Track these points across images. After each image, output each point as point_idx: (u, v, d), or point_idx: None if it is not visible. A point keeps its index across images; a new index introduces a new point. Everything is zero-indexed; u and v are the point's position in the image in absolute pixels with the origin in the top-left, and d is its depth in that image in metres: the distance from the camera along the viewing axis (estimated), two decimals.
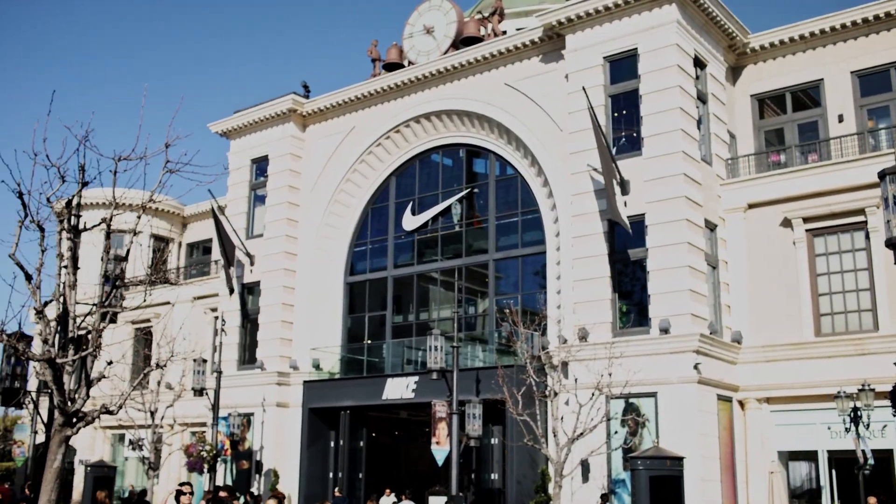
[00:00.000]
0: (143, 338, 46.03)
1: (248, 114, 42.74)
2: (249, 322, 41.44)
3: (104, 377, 13.60)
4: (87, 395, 13.13)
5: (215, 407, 34.86)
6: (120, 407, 13.88)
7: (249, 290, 41.81)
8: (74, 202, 13.98)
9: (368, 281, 40.34)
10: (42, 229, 13.11)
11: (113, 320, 13.87)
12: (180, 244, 54.68)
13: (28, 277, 13.00)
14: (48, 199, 13.20)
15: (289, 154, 41.75)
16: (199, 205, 52.76)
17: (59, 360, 12.55)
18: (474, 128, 37.18)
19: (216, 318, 41.61)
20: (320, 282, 40.57)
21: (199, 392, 34.81)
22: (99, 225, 13.67)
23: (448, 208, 38.07)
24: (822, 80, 32.64)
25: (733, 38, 33.57)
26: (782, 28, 33.24)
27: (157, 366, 18.72)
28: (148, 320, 46.25)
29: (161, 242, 52.83)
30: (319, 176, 41.16)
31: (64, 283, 13.32)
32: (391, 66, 40.08)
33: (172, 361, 25.75)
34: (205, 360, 35.55)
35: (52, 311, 13.74)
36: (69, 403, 12.78)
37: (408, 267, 39.17)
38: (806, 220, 30.06)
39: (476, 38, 37.67)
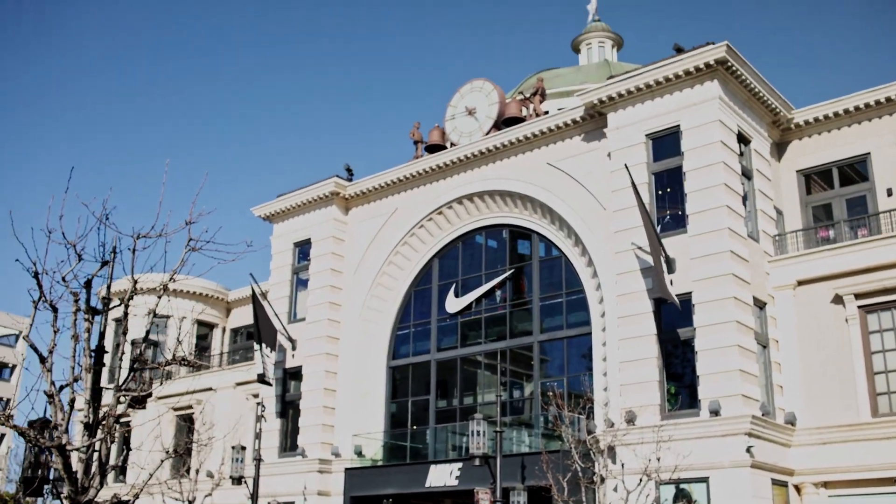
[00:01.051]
0: (186, 425, 45.64)
1: (291, 197, 42.77)
2: (291, 408, 40.92)
3: (122, 465, 13.09)
4: (101, 485, 12.62)
5: (254, 496, 34.17)
6: (136, 497, 13.36)
7: (292, 376, 41.36)
8: (102, 285, 13.66)
9: (411, 365, 39.80)
10: (55, 309, 12.77)
11: (134, 405, 13.40)
12: (224, 329, 54.54)
13: (42, 360, 12.63)
14: (63, 278, 12.87)
15: (331, 237, 41.60)
16: (243, 290, 52.71)
17: (68, 448, 12.07)
18: (517, 208, 36.87)
19: (258, 403, 41.23)
20: (363, 366, 40.05)
21: (238, 481, 34.19)
22: (119, 305, 13.31)
23: (492, 290, 37.59)
24: (868, 153, 32.07)
25: (777, 114, 33.10)
26: (826, 103, 32.76)
27: (177, 453, 18.20)
28: (189, 406, 45.89)
29: (205, 328, 52.79)
30: (362, 259, 40.94)
31: (79, 366, 12.90)
32: (433, 148, 40.01)
33: (197, 450, 25.12)
34: (244, 448, 35.00)
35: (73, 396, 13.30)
36: (80, 494, 12.25)
37: (451, 350, 38.59)
38: (858, 296, 29.21)
39: (518, 118, 37.58)
